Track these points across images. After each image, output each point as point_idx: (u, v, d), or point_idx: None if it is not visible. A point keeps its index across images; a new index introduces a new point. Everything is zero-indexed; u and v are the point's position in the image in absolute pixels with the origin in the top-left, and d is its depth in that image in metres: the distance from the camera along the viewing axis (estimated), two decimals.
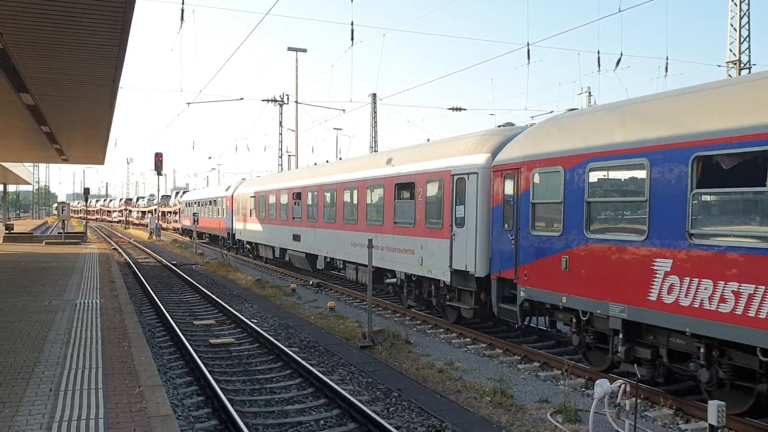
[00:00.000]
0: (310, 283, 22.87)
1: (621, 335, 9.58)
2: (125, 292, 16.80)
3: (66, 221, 42.73)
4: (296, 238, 24.83)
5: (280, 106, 46.12)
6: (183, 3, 18.08)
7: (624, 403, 7.34)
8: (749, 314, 7.54)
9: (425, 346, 12.97)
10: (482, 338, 13.36)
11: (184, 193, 61.18)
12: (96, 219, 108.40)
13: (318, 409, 8.95)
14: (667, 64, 28.19)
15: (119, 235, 60.91)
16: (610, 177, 10.02)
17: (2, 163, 38.14)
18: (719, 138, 8.02)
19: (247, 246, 34.15)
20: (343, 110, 62.58)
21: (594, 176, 10.05)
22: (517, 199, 11.83)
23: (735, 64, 29.64)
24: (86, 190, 49.43)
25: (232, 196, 36.45)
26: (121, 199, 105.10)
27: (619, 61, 22.52)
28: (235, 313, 15.87)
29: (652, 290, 8.89)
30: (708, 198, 8.45)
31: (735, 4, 29.82)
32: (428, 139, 18.93)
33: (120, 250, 37.55)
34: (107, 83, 13.87)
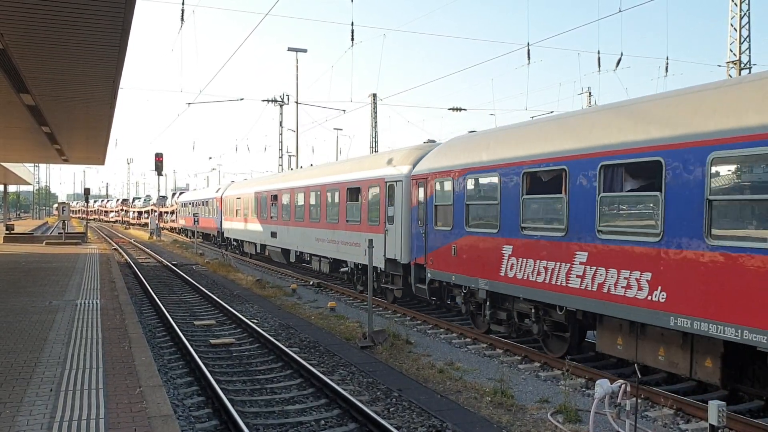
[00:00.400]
0: (311, 283, 22.88)
1: (488, 302, 12.95)
2: (126, 292, 16.81)
3: (66, 221, 42.74)
4: (273, 235, 28.10)
5: (281, 106, 46.13)
6: (183, 3, 18.11)
7: (624, 403, 7.34)
8: (553, 282, 10.77)
9: (426, 346, 12.98)
10: (483, 338, 13.36)
11: (180, 194, 63.50)
12: (94, 219, 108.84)
13: (318, 409, 8.95)
14: (667, 64, 28.18)
15: (119, 235, 60.93)
16: (480, 184, 13.09)
17: (3, 164, 38.16)
18: (542, 159, 11.15)
19: (234, 243, 37.18)
20: (344, 110, 62.57)
21: (470, 184, 13.25)
22: (426, 202, 15.03)
23: (735, 64, 29.64)
24: (86, 191, 49.44)
25: (221, 197, 39.16)
26: (117, 200, 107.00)
27: (619, 61, 22.51)
28: (236, 313, 15.87)
29: (502, 268, 12.02)
30: (531, 201, 11.48)
31: (735, 4, 29.82)
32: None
33: (120, 251, 37.57)
34: (107, 83, 13.88)
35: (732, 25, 29.85)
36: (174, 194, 67.56)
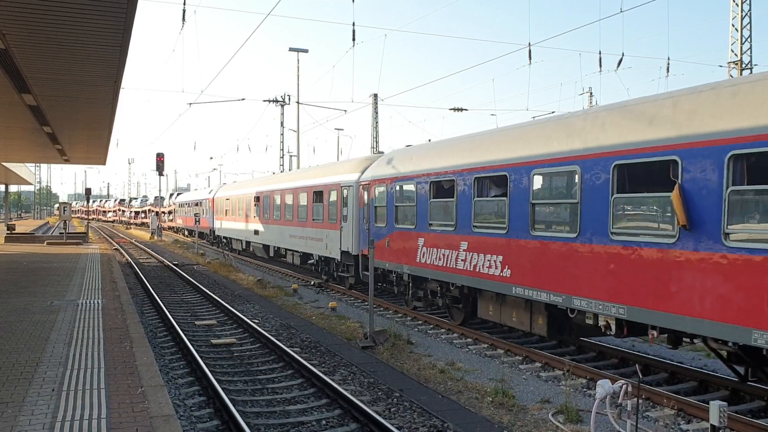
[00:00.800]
0: (312, 283, 22.89)
1: (410, 284, 16.18)
2: (127, 292, 16.82)
3: (67, 221, 42.76)
4: (256, 233, 31.23)
5: (282, 106, 46.13)
6: (184, 4, 18.08)
7: (626, 404, 7.34)
8: (448, 266, 13.84)
9: (427, 346, 12.98)
10: (484, 339, 13.37)
11: (178, 195, 65.96)
12: (92, 219, 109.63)
13: (320, 409, 8.96)
14: (668, 64, 28.15)
15: (120, 235, 60.98)
16: (404, 190, 16.01)
17: (4, 164, 38.20)
18: (442, 171, 14.27)
19: (224, 240, 40.12)
20: (345, 111, 62.51)
21: (398, 190, 16.27)
22: (368, 204, 18.01)
23: (736, 64, 29.62)
24: (88, 191, 49.44)
25: (213, 198, 42.10)
26: (115, 200, 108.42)
27: (620, 61, 22.43)
28: (237, 313, 15.88)
29: (418, 255, 15.20)
30: (435, 203, 14.54)
31: (736, 4, 29.80)
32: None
33: (121, 251, 37.60)
34: (109, 84, 13.89)
35: (733, 25, 29.84)
36: (171, 195, 70.16)
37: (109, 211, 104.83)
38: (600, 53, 22.54)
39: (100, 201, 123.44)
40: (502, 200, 12.14)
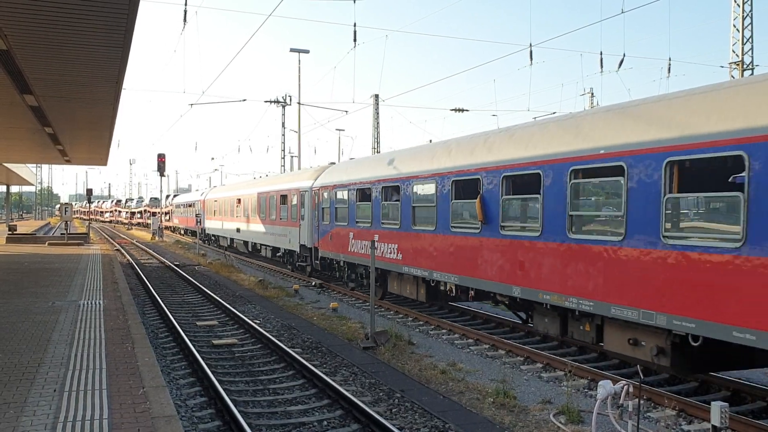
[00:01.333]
0: (313, 284, 22.89)
1: (346, 269, 20.40)
2: (128, 293, 16.83)
3: (69, 222, 42.78)
4: (238, 231, 35.41)
5: (283, 107, 46.17)
6: (186, 4, 18.10)
7: (627, 404, 7.34)
8: (362, 252, 18.12)
9: (428, 347, 12.98)
10: (485, 339, 13.37)
11: (174, 197, 69.90)
12: (89, 219, 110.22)
13: (321, 409, 8.97)
14: (669, 65, 28.16)
15: (122, 236, 61.01)
16: (340, 195, 20.20)
17: (5, 164, 38.22)
18: (363, 181, 18.53)
19: (212, 237, 44.50)
20: (346, 111, 62.69)
21: (338, 195, 20.44)
22: (319, 206, 22.24)
23: (738, 65, 29.61)
24: (89, 191, 49.55)
25: (204, 200, 46.41)
26: (112, 201, 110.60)
27: (621, 62, 22.40)
28: (238, 313, 15.89)
29: (350, 246, 19.12)
30: (360, 206, 18.61)
31: (737, 5, 29.79)
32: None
33: (123, 251, 37.62)
34: (110, 84, 13.90)
35: (734, 26, 29.83)
36: (168, 197, 73.94)
37: (106, 212, 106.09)
38: (601, 54, 22.53)
39: (98, 202, 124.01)
40: (396, 203, 16.34)
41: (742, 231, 7.74)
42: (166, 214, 69.15)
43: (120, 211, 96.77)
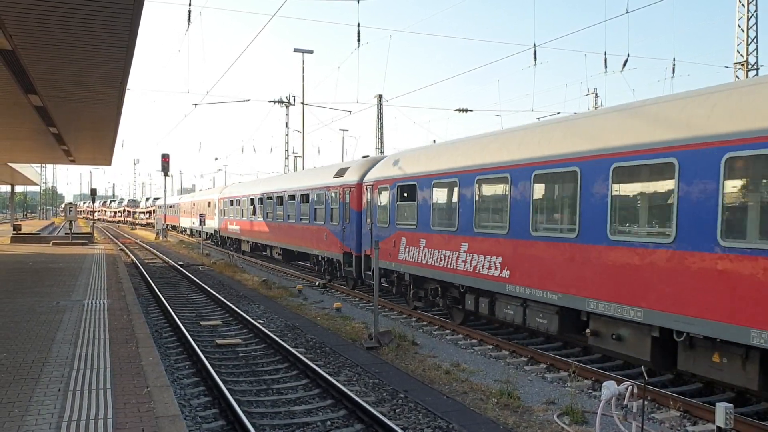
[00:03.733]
0: (317, 284, 22.91)
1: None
2: (132, 292, 16.86)
3: (73, 222, 42.90)
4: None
5: (287, 107, 46.22)
6: (190, 5, 18.10)
7: (631, 405, 7.32)
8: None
9: (431, 347, 12.97)
10: (489, 340, 13.35)
11: (155, 199, 79.67)
12: (85, 218, 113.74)
13: (325, 410, 8.97)
14: (674, 65, 28.13)
15: (126, 235, 61.14)
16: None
17: (10, 164, 38.33)
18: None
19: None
20: (350, 111, 62.72)
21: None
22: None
23: (743, 65, 29.52)
24: (93, 191, 49.63)
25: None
26: (103, 202, 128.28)
27: (626, 62, 22.42)
28: (242, 313, 15.90)
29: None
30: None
31: (742, 5, 29.69)
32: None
33: (127, 251, 37.69)
34: (115, 84, 13.92)
35: (739, 26, 29.72)
36: (147, 199, 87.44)
37: (96, 211, 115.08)
38: (605, 54, 22.52)
39: (88, 202, 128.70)
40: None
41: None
42: (147, 213, 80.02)
43: (106, 211, 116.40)
